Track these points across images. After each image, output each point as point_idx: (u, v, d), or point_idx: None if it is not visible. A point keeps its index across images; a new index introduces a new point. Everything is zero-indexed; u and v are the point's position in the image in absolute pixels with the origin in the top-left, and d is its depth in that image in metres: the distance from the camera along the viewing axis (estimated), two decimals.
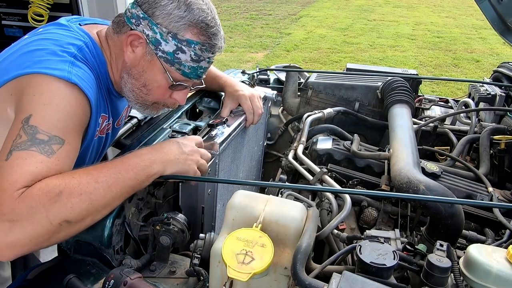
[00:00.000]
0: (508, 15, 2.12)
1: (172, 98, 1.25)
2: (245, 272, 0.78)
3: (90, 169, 0.98)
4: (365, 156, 1.57)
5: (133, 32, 1.13)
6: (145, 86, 1.19)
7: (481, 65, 7.50)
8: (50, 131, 0.96)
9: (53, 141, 0.96)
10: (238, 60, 7.52)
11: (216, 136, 1.34)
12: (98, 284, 0.98)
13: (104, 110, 1.24)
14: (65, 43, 1.09)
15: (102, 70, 1.20)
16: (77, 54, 1.09)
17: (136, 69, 1.18)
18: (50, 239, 0.91)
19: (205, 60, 1.18)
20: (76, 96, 1.04)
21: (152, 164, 1.05)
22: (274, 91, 1.87)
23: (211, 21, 1.14)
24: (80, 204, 0.92)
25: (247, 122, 1.58)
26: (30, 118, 0.96)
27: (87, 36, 1.17)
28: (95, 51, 1.17)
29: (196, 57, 1.15)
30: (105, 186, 0.96)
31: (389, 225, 1.37)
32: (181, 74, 1.17)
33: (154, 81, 1.18)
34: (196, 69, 1.18)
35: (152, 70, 1.17)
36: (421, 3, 13.97)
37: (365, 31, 9.99)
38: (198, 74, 1.20)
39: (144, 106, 1.25)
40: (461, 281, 0.84)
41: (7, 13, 3.10)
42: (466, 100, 2.01)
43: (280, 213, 0.92)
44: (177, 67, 1.15)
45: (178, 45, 1.12)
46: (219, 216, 1.50)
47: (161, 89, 1.20)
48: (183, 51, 1.13)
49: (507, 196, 1.46)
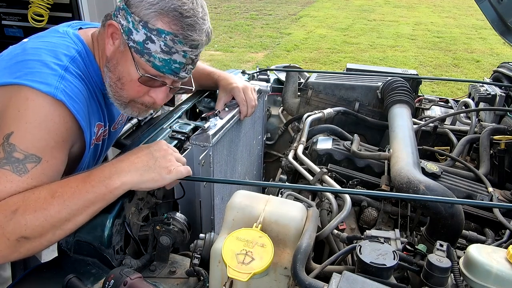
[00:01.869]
0: (508, 15, 2.12)
1: (149, 96, 1.18)
2: (245, 272, 0.78)
3: (54, 184, 0.99)
4: (365, 156, 1.57)
5: (111, 22, 1.11)
6: (119, 79, 1.14)
7: (481, 65, 7.50)
8: (28, 150, 0.98)
9: (29, 160, 0.98)
10: (238, 60, 7.52)
11: (208, 129, 1.34)
12: (98, 284, 0.98)
13: (99, 118, 1.24)
14: (59, 53, 1.10)
15: (96, 76, 1.19)
16: (69, 66, 1.09)
17: (112, 61, 1.14)
18: (11, 255, 0.93)
19: (179, 53, 1.08)
20: (60, 113, 1.04)
21: (112, 175, 1.00)
22: (268, 83, 1.87)
23: (187, 11, 1.06)
24: (34, 221, 0.92)
25: (241, 114, 1.57)
26: (11, 135, 0.98)
27: (80, 43, 1.17)
28: (88, 58, 1.17)
29: (167, 48, 1.07)
30: (60, 201, 0.95)
31: (389, 225, 1.37)
32: (152, 67, 1.09)
33: (126, 74, 1.12)
34: (168, 62, 1.09)
35: (125, 62, 1.11)
36: (421, 3, 13.97)
37: (365, 31, 9.99)
38: (173, 69, 1.10)
39: (123, 104, 1.19)
40: (461, 281, 0.84)
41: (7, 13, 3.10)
42: (466, 100, 2.01)
43: (280, 213, 0.92)
44: (147, 58, 1.08)
45: (147, 34, 1.06)
46: (218, 210, 1.50)
47: (133, 83, 1.13)
48: (152, 41, 1.06)
49: (507, 196, 1.46)
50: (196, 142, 1.32)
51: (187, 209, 1.35)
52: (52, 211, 0.94)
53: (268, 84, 1.84)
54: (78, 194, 0.97)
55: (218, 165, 1.46)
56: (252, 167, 1.96)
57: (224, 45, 8.52)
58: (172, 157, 1.08)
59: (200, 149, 1.32)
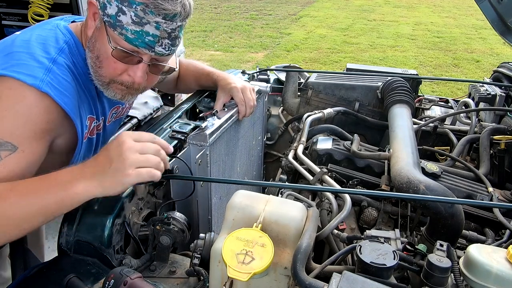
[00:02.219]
0: (508, 15, 2.12)
1: (128, 75, 1.13)
2: (245, 272, 0.78)
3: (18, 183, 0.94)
4: (365, 156, 1.57)
5: (90, 0, 1.10)
6: (97, 58, 1.11)
7: (481, 65, 7.50)
8: (3, 137, 0.96)
9: (3, 147, 0.96)
10: (238, 60, 7.52)
11: (206, 128, 1.34)
12: (98, 284, 0.98)
13: (91, 111, 1.23)
14: (47, 46, 1.09)
15: (85, 68, 1.17)
16: (57, 58, 1.08)
17: (91, 40, 1.12)
18: None
19: (151, 24, 1.04)
20: (44, 104, 1.03)
21: (73, 180, 0.93)
22: (268, 83, 1.87)
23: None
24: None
25: (240, 114, 1.57)
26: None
27: (69, 34, 1.16)
28: (77, 49, 1.15)
29: (138, 19, 1.03)
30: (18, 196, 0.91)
31: (389, 225, 1.37)
32: (125, 40, 1.06)
33: (103, 51, 1.09)
34: (141, 34, 1.05)
35: (102, 39, 1.09)
36: (421, 3, 13.97)
37: (365, 31, 9.99)
38: (146, 42, 1.06)
39: (104, 85, 1.15)
40: (461, 281, 0.84)
41: (7, 13, 3.11)
42: (466, 100, 2.01)
43: (280, 213, 0.92)
44: (119, 31, 1.05)
45: (119, 5, 1.03)
46: (215, 210, 1.50)
47: (110, 60, 1.09)
48: (123, 12, 1.03)
49: (507, 196, 1.46)
50: (193, 141, 1.32)
51: (184, 209, 1.35)
52: (8, 204, 0.90)
53: (268, 85, 1.84)
54: (37, 192, 0.92)
55: (215, 165, 1.46)
56: (252, 167, 1.96)
57: (224, 45, 8.52)
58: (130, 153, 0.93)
59: (197, 148, 1.32)
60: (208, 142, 1.33)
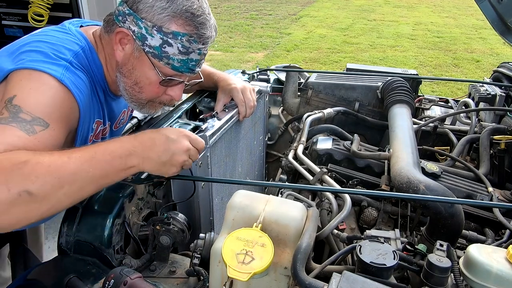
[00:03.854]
0: (508, 15, 2.12)
1: (167, 94, 1.21)
2: (245, 272, 0.78)
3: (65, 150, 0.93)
4: (365, 156, 1.57)
5: (120, 29, 1.11)
6: (136, 84, 1.16)
7: (481, 65, 7.50)
8: (34, 112, 0.93)
9: (36, 122, 0.92)
10: (238, 60, 7.52)
11: (206, 130, 1.34)
12: (98, 284, 0.98)
13: (99, 115, 1.23)
14: (62, 48, 1.08)
15: (98, 74, 1.19)
16: (72, 61, 1.08)
17: (126, 67, 1.15)
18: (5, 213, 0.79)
19: (195, 52, 1.12)
20: (66, 96, 1.02)
21: (131, 155, 0.97)
22: (268, 84, 1.87)
23: (197, 9, 1.09)
24: (45, 176, 0.83)
25: (240, 115, 1.57)
26: (13, 98, 0.93)
27: (84, 39, 1.16)
28: (91, 55, 1.16)
29: (184, 49, 1.10)
30: (77, 162, 0.88)
31: (389, 225, 1.37)
32: (171, 69, 1.13)
33: (144, 78, 1.15)
34: (186, 62, 1.13)
35: (142, 67, 1.13)
36: (421, 3, 13.97)
37: (365, 31, 9.99)
38: (190, 67, 1.15)
39: (140, 105, 1.21)
40: (461, 281, 0.84)
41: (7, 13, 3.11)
42: (466, 100, 2.01)
43: (280, 213, 0.92)
44: (166, 61, 1.11)
45: (164, 38, 1.08)
46: (217, 211, 1.50)
47: (152, 86, 1.16)
48: (169, 44, 1.09)
49: (507, 196, 1.46)
50: None
51: (185, 211, 1.35)
52: (67, 170, 0.86)
53: (268, 85, 1.84)
54: (97, 161, 0.91)
55: (216, 166, 1.46)
56: (254, 167, 1.96)
57: (224, 45, 8.51)
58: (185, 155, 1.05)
59: None
60: (209, 143, 1.33)
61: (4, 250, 1.63)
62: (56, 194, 0.85)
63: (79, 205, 1.11)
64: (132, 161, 0.97)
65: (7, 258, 1.68)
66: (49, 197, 0.84)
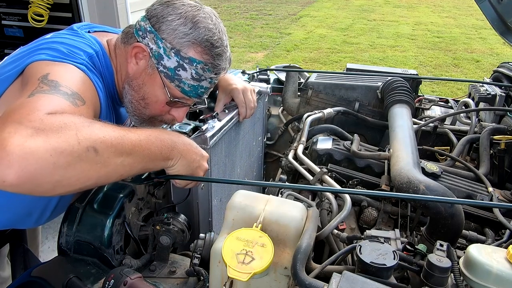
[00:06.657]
0: (508, 15, 2.12)
1: (170, 114, 1.23)
2: (245, 272, 0.78)
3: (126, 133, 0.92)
4: (365, 156, 1.57)
5: (138, 44, 1.13)
6: (143, 99, 1.18)
7: (481, 65, 7.50)
8: (72, 87, 0.93)
9: (76, 97, 0.92)
10: (238, 60, 7.52)
11: (206, 131, 1.34)
12: (98, 284, 0.98)
13: (109, 118, 1.23)
14: (77, 49, 1.08)
15: (110, 80, 1.19)
16: (87, 62, 1.08)
17: (136, 81, 1.17)
18: (69, 165, 0.77)
19: (207, 80, 1.16)
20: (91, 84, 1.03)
21: (174, 149, 1.01)
22: (268, 85, 1.87)
23: (217, 41, 1.13)
24: (112, 139, 0.84)
25: (240, 115, 1.57)
26: (48, 75, 0.92)
27: (98, 44, 1.16)
28: (104, 60, 1.17)
29: (197, 76, 1.13)
30: (136, 137, 0.90)
31: (389, 225, 1.37)
32: (181, 92, 1.16)
33: (153, 95, 1.17)
34: (196, 88, 1.16)
35: (152, 84, 1.16)
36: (421, 3, 13.97)
37: (365, 31, 9.99)
38: (198, 93, 1.18)
39: (141, 120, 1.23)
40: (461, 281, 0.84)
41: (7, 13, 3.11)
42: (466, 100, 2.01)
43: (280, 213, 0.92)
44: (177, 83, 1.14)
45: (180, 62, 1.11)
46: (216, 212, 1.50)
47: (159, 104, 1.18)
48: (184, 69, 1.12)
49: (507, 196, 1.46)
50: None
51: (184, 212, 1.35)
52: (128, 141, 0.88)
53: (268, 86, 1.84)
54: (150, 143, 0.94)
55: (216, 167, 1.45)
56: (252, 168, 1.96)
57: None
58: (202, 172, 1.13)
59: None
60: (209, 144, 1.33)
61: (4, 250, 1.63)
62: (116, 161, 0.85)
63: (79, 205, 1.11)
64: (173, 154, 1.01)
65: (7, 258, 1.69)
66: (109, 162, 0.84)
